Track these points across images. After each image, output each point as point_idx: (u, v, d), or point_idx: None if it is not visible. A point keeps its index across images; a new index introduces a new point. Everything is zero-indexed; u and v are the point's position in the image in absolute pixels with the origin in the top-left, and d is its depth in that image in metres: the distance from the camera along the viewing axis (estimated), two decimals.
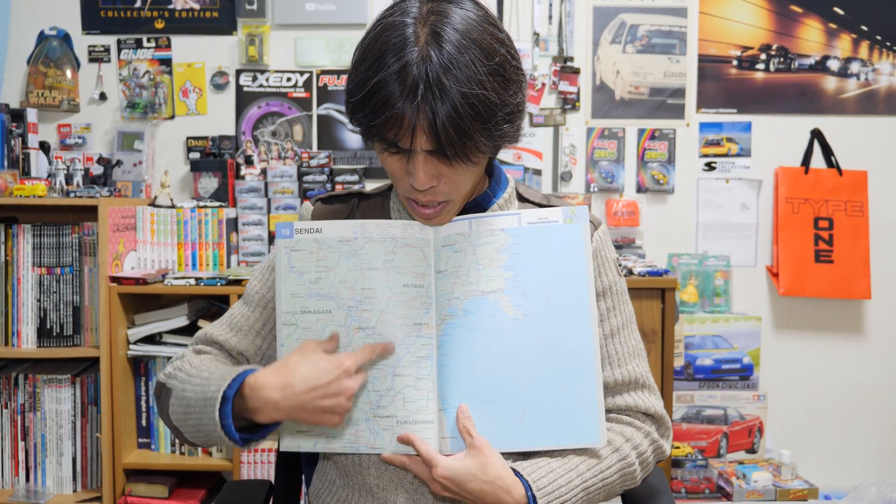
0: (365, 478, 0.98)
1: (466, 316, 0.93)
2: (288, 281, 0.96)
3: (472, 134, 0.84)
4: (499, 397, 0.91)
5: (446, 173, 0.89)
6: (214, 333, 1.03)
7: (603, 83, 2.48)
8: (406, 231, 0.95)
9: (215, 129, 2.48)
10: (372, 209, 1.06)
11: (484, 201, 1.01)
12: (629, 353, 1.00)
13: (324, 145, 2.47)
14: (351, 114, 0.90)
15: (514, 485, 0.88)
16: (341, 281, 0.94)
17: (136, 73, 2.46)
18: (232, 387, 0.86)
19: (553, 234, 0.94)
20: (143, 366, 2.17)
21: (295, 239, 0.96)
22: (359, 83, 0.86)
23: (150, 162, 2.44)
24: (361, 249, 0.95)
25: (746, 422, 2.39)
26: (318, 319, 0.94)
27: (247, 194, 2.36)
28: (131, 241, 2.21)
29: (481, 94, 0.83)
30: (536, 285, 0.93)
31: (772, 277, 2.47)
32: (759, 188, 2.49)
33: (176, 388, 0.94)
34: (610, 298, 1.02)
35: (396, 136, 0.85)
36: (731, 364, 2.39)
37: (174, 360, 1.01)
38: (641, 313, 2.05)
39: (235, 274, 2.14)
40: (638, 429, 0.98)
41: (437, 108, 0.81)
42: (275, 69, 2.47)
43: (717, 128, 2.48)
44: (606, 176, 2.48)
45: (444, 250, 0.95)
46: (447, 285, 0.94)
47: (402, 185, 0.92)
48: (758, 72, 2.47)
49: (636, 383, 1.00)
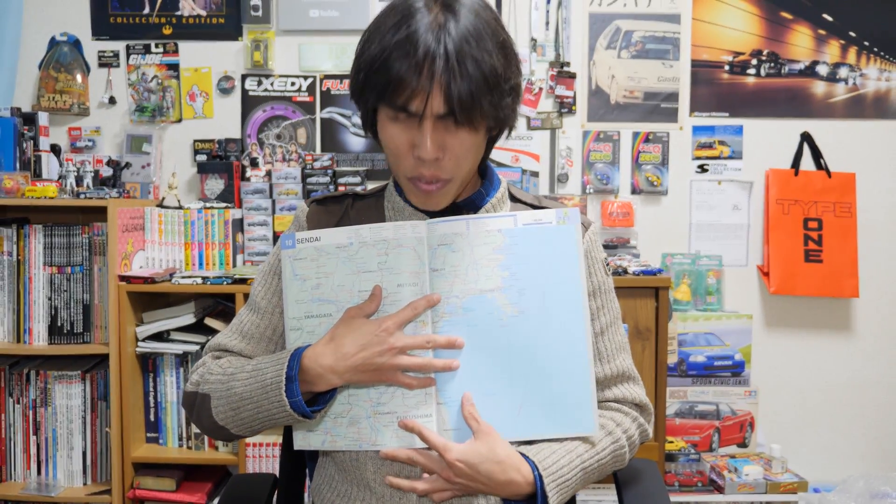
0: (363, 473, 0.98)
1: (466, 313, 0.94)
2: (293, 288, 0.98)
3: (482, 99, 0.87)
4: (497, 390, 0.93)
5: (451, 146, 0.91)
6: (226, 343, 1.04)
7: (598, 87, 2.48)
8: (398, 232, 0.95)
9: (221, 132, 2.49)
10: (366, 209, 1.07)
11: (478, 199, 1.03)
12: (617, 348, 1.05)
13: (327, 148, 2.48)
14: (363, 82, 0.90)
15: (522, 464, 0.91)
16: (340, 285, 0.96)
17: (144, 77, 2.47)
18: (292, 367, 0.90)
19: (547, 235, 0.95)
20: (151, 362, 2.17)
21: (297, 248, 0.98)
22: (372, 53, 0.88)
23: (158, 164, 2.45)
24: (357, 254, 0.96)
25: (738, 417, 2.39)
26: (320, 323, 0.96)
27: (252, 195, 2.36)
28: (140, 241, 2.21)
29: (491, 64, 0.87)
30: (532, 284, 0.94)
31: (762, 276, 2.48)
32: (751, 190, 2.49)
33: (216, 391, 0.97)
34: (599, 297, 1.05)
35: (410, 98, 0.87)
36: (723, 361, 2.39)
37: (196, 370, 1.03)
38: (636, 311, 2.05)
39: (241, 273, 2.13)
40: (626, 414, 1.03)
41: (455, 71, 0.84)
42: (279, 74, 2.47)
43: (710, 131, 2.49)
44: (602, 178, 2.48)
45: (441, 249, 0.95)
46: (445, 284, 0.94)
47: (406, 162, 0.93)
48: (749, 76, 2.48)
49: (623, 376, 1.04)
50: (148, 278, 2.07)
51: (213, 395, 0.97)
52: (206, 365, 1.02)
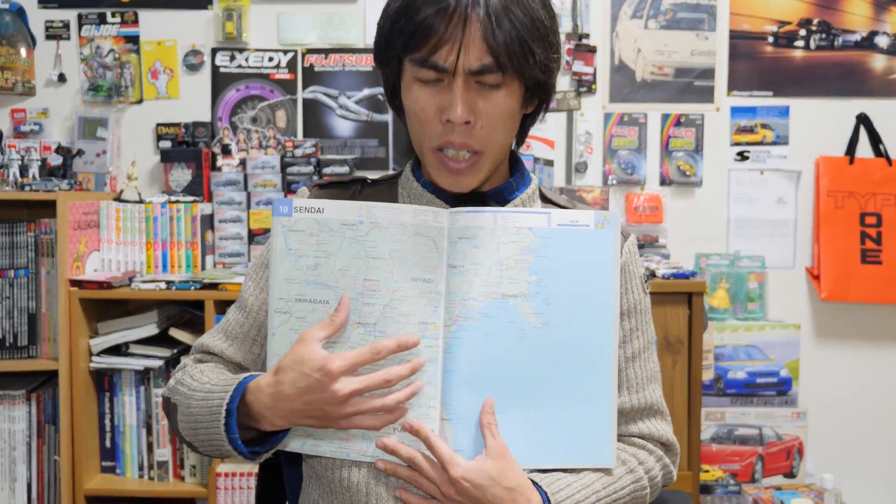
0: (354, 496, 0.98)
1: (483, 319, 0.93)
2: (284, 264, 0.96)
3: (533, 46, 0.91)
4: (510, 409, 0.93)
5: (484, 110, 0.93)
6: (210, 343, 1.07)
7: (622, 63, 2.46)
8: (417, 217, 0.94)
9: (188, 114, 2.45)
10: (376, 197, 1.07)
11: (507, 191, 1.05)
12: (647, 378, 1.06)
13: (310, 133, 2.46)
14: (388, 32, 0.95)
15: (534, 495, 0.92)
16: (342, 269, 0.94)
17: (99, 51, 2.45)
18: (234, 398, 0.92)
19: (582, 239, 0.96)
20: (107, 380, 2.14)
21: (294, 218, 0.96)
22: (399, 2, 0.93)
23: (115, 151, 2.42)
24: (366, 236, 0.94)
25: (784, 442, 2.37)
26: (313, 309, 0.95)
27: (224, 188, 2.34)
28: (94, 241, 2.19)
29: (539, 12, 0.92)
30: (560, 293, 0.94)
31: (812, 280, 2.46)
32: (798, 180, 2.47)
33: (181, 404, 0.99)
34: (634, 318, 1.06)
35: (437, 47, 0.89)
36: (766, 377, 2.38)
37: (176, 372, 1.06)
38: (666, 321, 2.05)
39: (211, 277, 2.11)
40: (650, 452, 1.04)
41: (500, 16, 0.88)
42: (255, 48, 2.45)
43: (751, 113, 2.46)
44: (626, 167, 2.46)
45: (462, 243, 0.94)
46: (463, 283, 0.94)
47: (432, 128, 0.95)
48: (796, 49, 2.46)
49: (651, 410, 1.06)
50: (103, 283, 2.05)
51: (179, 408, 1.00)
52: (185, 369, 1.05)
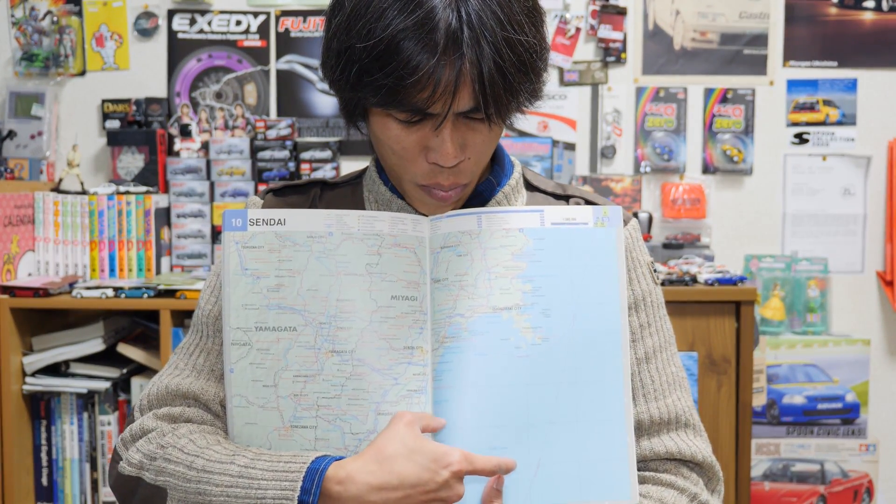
0: None
1: (472, 338, 0.95)
2: (239, 287, 0.96)
3: (518, 86, 0.92)
4: (510, 443, 0.94)
5: (472, 143, 0.95)
6: (182, 385, 1.02)
7: (658, 28, 2.48)
8: (395, 226, 0.96)
9: (140, 89, 2.48)
10: (339, 202, 1.09)
11: (486, 190, 1.07)
12: (668, 382, 1.04)
13: (285, 111, 2.48)
14: (358, 78, 0.92)
15: None
16: (310, 289, 0.96)
17: (33, 14, 2.46)
18: (308, 489, 0.88)
19: (581, 240, 0.97)
20: (43, 405, 2.17)
21: (249, 232, 0.97)
22: (372, 39, 0.89)
23: (54, 133, 2.44)
24: (337, 249, 0.96)
25: (851, 480, 2.39)
26: (278, 339, 0.95)
27: (182, 176, 2.36)
28: (28, 239, 2.21)
29: (525, 41, 0.91)
30: (559, 303, 0.96)
31: (884, 287, 2.48)
32: (868, 168, 2.50)
33: (177, 488, 0.93)
34: (644, 312, 1.06)
35: (430, 98, 0.89)
36: (829, 403, 2.39)
37: (137, 439, 0.99)
38: (709, 335, 2.05)
39: (168, 282, 2.13)
40: (681, 491, 1.01)
41: (485, 57, 0.88)
42: (219, 9, 2.47)
43: (812, 87, 2.49)
44: (662, 151, 2.48)
45: (445, 253, 0.97)
46: (448, 298, 0.96)
47: (416, 167, 0.96)
48: (866, 12, 2.47)
49: (677, 421, 1.03)
50: (39, 290, 2.07)
51: (171, 494, 0.93)
52: (158, 432, 0.98)
